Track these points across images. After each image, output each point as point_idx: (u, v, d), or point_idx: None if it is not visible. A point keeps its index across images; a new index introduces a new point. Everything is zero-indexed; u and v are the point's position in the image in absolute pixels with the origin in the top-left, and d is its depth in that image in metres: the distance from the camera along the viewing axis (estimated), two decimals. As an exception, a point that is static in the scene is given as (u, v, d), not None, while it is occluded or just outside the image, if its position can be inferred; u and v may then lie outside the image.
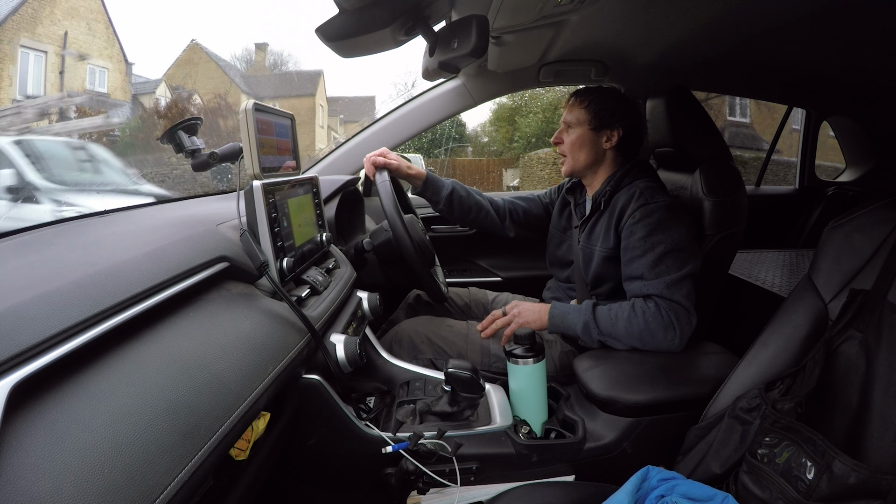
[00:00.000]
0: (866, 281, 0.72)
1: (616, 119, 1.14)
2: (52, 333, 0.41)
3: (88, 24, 10.84)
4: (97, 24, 11.08)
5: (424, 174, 1.29)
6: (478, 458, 0.85)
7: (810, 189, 2.29)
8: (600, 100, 1.14)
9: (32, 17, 9.78)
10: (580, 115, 1.15)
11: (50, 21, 10.06)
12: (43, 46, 9.96)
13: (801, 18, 1.02)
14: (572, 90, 1.23)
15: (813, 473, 0.61)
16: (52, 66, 10.10)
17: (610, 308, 1.02)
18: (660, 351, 0.99)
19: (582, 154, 1.16)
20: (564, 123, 1.18)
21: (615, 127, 1.14)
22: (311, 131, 14.92)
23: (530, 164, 9.85)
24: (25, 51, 9.66)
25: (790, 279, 1.55)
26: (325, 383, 0.79)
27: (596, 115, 1.14)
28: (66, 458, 0.35)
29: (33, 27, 9.77)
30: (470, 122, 13.50)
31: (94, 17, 11.03)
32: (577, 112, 1.16)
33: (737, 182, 1.19)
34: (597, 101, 1.14)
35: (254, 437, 0.63)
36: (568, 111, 1.18)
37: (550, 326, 1.08)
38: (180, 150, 0.83)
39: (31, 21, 9.76)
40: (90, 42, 10.86)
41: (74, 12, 10.59)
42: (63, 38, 10.28)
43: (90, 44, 10.85)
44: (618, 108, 1.14)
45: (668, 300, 0.98)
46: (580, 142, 1.15)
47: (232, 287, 0.69)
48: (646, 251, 1.01)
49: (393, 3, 0.81)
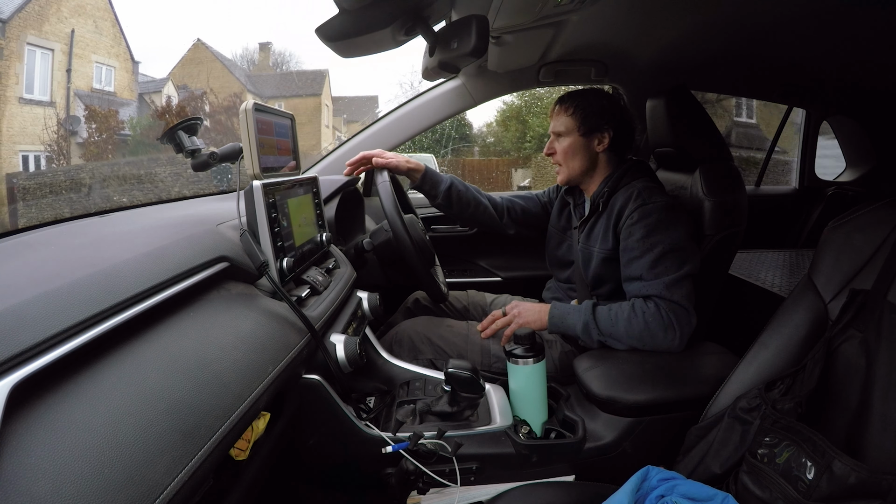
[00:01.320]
0: (866, 281, 0.72)
1: (604, 121, 1.13)
2: (52, 333, 0.41)
3: (95, 21, 10.72)
4: (104, 21, 10.96)
5: (423, 168, 1.28)
6: (478, 458, 0.85)
7: (810, 189, 2.29)
8: (585, 104, 1.13)
9: (39, 15, 9.64)
10: (567, 123, 1.14)
11: (57, 18, 9.92)
12: (50, 44, 9.82)
13: (801, 18, 1.02)
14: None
15: (813, 473, 0.61)
16: (59, 63, 9.91)
17: (610, 308, 1.02)
18: (659, 351, 0.99)
19: (576, 161, 1.15)
20: (553, 133, 1.17)
21: (604, 129, 1.13)
22: (318, 131, 14.85)
23: (545, 164, 9.82)
24: (32, 48, 9.51)
25: (790, 279, 1.55)
26: (325, 383, 0.79)
27: (583, 120, 1.13)
28: (66, 458, 0.35)
29: (40, 25, 9.63)
30: (476, 121, 13.35)
31: (100, 15, 10.91)
32: (563, 120, 1.15)
33: (737, 182, 1.19)
34: (582, 106, 1.13)
35: (254, 437, 0.63)
36: (554, 120, 1.17)
37: (550, 326, 1.08)
38: (180, 150, 0.83)
39: (37, 18, 9.61)
40: (97, 40, 10.66)
41: (81, 10, 10.46)
42: (70, 35, 10.14)
43: (97, 42, 10.65)
44: (604, 109, 1.13)
45: (667, 300, 0.97)
46: (572, 149, 1.14)
47: (232, 287, 0.69)
48: (644, 252, 1.01)
49: (393, 3, 0.81)
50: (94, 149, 10.48)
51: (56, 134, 9.77)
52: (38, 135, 9.53)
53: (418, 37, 0.96)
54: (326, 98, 15.69)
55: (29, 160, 9.44)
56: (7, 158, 9.04)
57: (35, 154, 9.58)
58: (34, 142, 9.50)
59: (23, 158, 9.33)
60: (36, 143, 9.53)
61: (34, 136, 9.50)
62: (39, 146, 9.59)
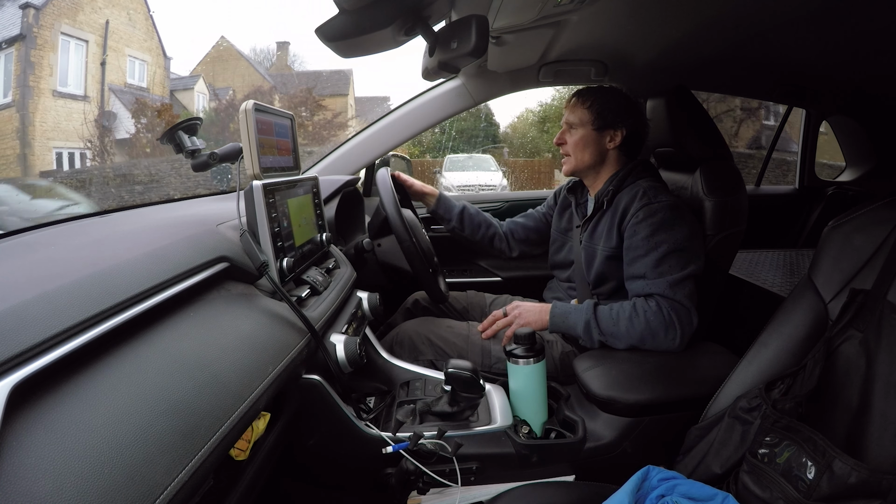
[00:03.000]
0: (866, 281, 0.72)
1: (619, 119, 1.13)
2: (53, 334, 0.41)
3: (129, 13, 10.35)
4: (137, 14, 10.61)
5: (437, 193, 1.40)
6: (478, 458, 0.85)
7: (810, 189, 2.29)
8: (603, 100, 1.14)
9: (73, 3, 9.21)
10: (583, 116, 1.15)
11: (91, 8, 9.54)
12: (84, 35, 9.38)
13: (800, 18, 1.02)
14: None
15: (813, 473, 0.61)
16: (93, 56, 9.39)
17: (611, 308, 1.02)
18: (660, 350, 0.99)
19: (586, 154, 1.15)
20: (567, 124, 1.18)
21: (619, 127, 1.14)
22: (344, 132, 14.59)
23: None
24: (66, 39, 9.06)
25: (790, 279, 1.55)
26: (325, 383, 0.79)
27: (599, 115, 1.14)
28: (67, 458, 0.35)
29: (74, 14, 9.22)
30: (503, 121, 13.06)
31: (134, 7, 10.54)
32: (579, 112, 1.15)
33: (737, 182, 1.19)
34: (600, 102, 1.14)
35: (254, 437, 0.63)
36: (570, 111, 1.18)
37: (551, 326, 1.07)
38: (180, 150, 0.83)
39: (71, 7, 9.19)
40: (130, 33, 10.13)
41: (115, 1, 10.06)
42: (104, 27, 9.70)
43: (130, 35, 10.12)
44: (621, 108, 1.14)
45: (669, 299, 0.97)
46: (583, 142, 1.15)
47: (232, 287, 0.69)
48: (649, 251, 1.01)
49: (393, 4, 0.81)
50: (144, 144, 9.71)
51: (94, 129, 9.12)
52: (73, 130, 8.90)
53: (418, 37, 0.96)
54: (351, 98, 15.56)
55: (63, 157, 8.86)
56: (41, 155, 8.49)
57: (69, 151, 8.99)
58: (69, 137, 8.88)
59: (56, 155, 8.76)
60: (72, 140, 8.88)
61: (69, 131, 8.88)
62: (78, 142, 8.93)
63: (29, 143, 8.16)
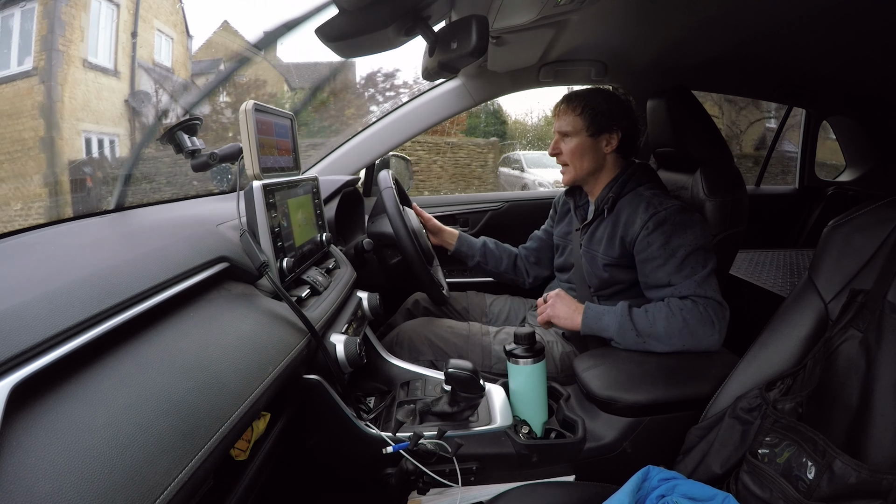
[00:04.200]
0: (866, 281, 0.72)
1: (613, 122, 1.11)
2: (53, 334, 0.41)
3: None
4: None
5: (458, 234, 1.40)
6: (478, 458, 0.85)
7: (810, 189, 2.29)
8: (594, 104, 1.11)
9: None
10: (576, 123, 1.12)
11: None
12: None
13: (800, 18, 1.02)
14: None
15: (813, 473, 0.61)
16: (123, 24, 7.40)
17: (646, 309, 0.99)
18: (700, 350, 0.96)
19: (584, 162, 1.13)
20: (559, 133, 1.15)
21: (613, 130, 1.12)
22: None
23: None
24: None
25: (790, 279, 1.55)
26: (325, 383, 0.79)
27: (593, 121, 1.11)
28: (67, 458, 0.35)
29: None
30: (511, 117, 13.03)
31: None
32: (570, 119, 1.12)
33: (737, 182, 1.19)
34: (591, 107, 1.11)
35: (254, 437, 0.63)
36: (560, 119, 1.14)
37: (584, 328, 1.03)
38: (180, 150, 0.83)
39: None
40: (159, 3, 8.29)
41: None
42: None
43: (158, 5, 8.30)
44: (613, 110, 1.11)
45: (702, 297, 0.96)
46: (580, 150, 1.12)
47: (232, 287, 0.69)
48: (668, 258, 0.99)
49: (393, 4, 0.81)
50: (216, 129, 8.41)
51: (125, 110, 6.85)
52: (103, 111, 6.86)
53: (418, 37, 0.96)
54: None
55: (92, 143, 6.89)
56: (69, 140, 6.61)
57: (99, 137, 6.92)
58: (99, 119, 6.89)
59: (86, 141, 6.84)
60: (103, 123, 6.95)
61: (99, 111, 6.93)
62: (112, 127, 6.99)
63: (56, 123, 6.24)
